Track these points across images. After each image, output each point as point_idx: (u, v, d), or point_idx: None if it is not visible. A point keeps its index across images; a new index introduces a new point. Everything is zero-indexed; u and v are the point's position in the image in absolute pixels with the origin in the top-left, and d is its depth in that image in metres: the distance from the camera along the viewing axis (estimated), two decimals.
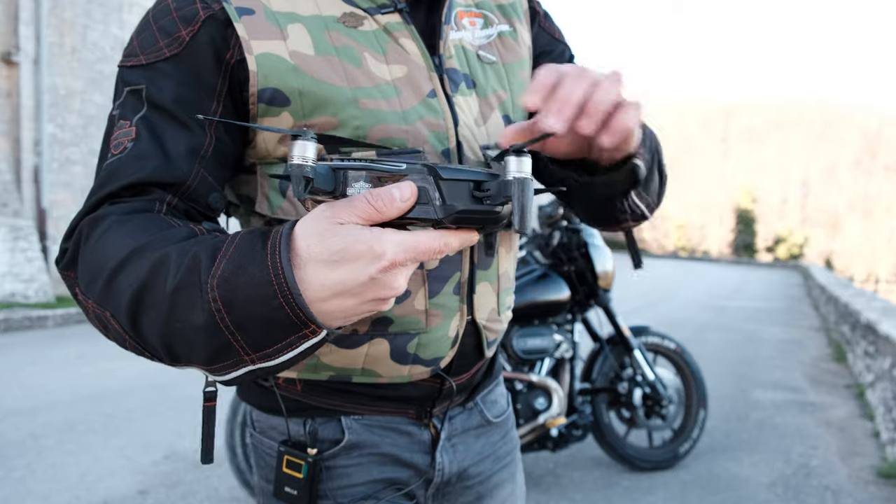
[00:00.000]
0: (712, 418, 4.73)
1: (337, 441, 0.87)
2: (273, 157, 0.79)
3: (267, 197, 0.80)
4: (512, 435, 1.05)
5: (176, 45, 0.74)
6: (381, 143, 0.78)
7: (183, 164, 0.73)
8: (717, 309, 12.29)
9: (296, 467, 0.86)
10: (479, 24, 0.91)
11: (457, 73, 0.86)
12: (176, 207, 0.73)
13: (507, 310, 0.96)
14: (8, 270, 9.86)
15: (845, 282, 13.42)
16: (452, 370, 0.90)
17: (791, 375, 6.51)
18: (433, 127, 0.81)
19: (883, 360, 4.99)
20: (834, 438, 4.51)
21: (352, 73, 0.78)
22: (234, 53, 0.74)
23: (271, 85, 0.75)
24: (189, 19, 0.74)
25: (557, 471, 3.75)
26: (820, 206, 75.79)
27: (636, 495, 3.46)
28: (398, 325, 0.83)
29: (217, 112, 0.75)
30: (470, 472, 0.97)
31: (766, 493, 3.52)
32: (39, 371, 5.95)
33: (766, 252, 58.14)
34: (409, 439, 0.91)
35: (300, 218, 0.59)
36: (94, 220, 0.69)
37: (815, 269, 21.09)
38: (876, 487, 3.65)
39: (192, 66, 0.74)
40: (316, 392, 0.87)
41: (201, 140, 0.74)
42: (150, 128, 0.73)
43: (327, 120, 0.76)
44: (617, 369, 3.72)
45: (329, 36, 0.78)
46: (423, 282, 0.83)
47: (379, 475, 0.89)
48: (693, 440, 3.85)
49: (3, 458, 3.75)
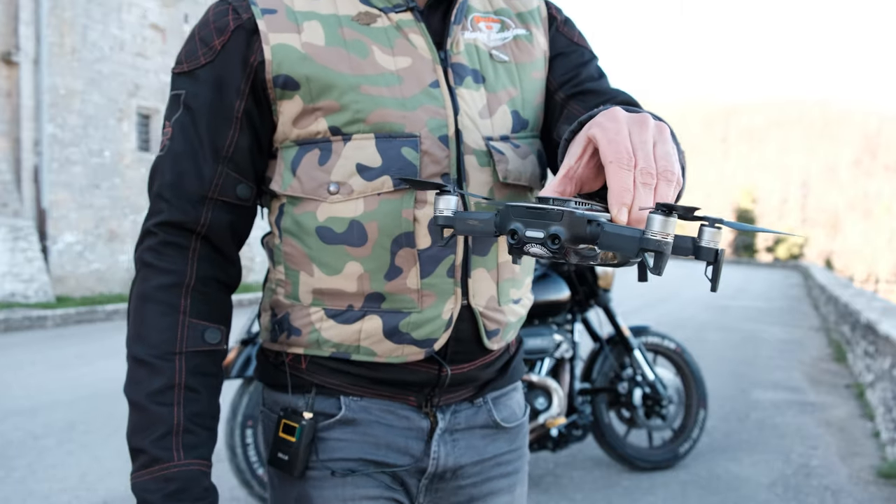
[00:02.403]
0: (712, 418, 4.74)
1: (333, 415, 0.91)
2: (289, 139, 0.87)
3: (281, 176, 0.89)
4: (521, 446, 1.04)
5: (211, 53, 0.85)
6: (380, 126, 0.84)
7: (209, 165, 0.86)
8: (718, 309, 12.29)
9: (290, 430, 0.90)
10: (495, 29, 0.96)
11: (463, 68, 0.91)
12: (206, 237, 0.87)
13: (511, 302, 0.96)
14: (8, 270, 9.87)
15: (845, 282, 13.42)
16: (449, 356, 0.91)
17: (791, 375, 6.51)
18: (433, 114, 0.86)
19: (883, 360, 4.99)
20: (834, 438, 4.51)
21: (357, 62, 0.85)
22: (256, 56, 0.84)
23: (283, 72, 0.84)
24: (222, 30, 0.85)
25: (557, 471, 3.75)
26: (820, 206, 75.79)
27: (636, 495, 3.46)
28: (390, 303, 0.87)
29: (242, 108, 0.86)
30: (466, 471, 0.97)
31: (766, 493, 3.52)
32: (39, 371, 5.95)
33: (766, 252, 58.15)
34: (406, 424, 0.93)
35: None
36: (143, 257, 0.87)
37: (815, 269, 21.10)
38: (876, 487, 3.65)
39: (223, 71, 0.85)
40: (319, 371, 0.92)
41: (225, 139, 0.86)
42: (184, 129, 0.86)
43: (331, 103, 0.84)
44: (617, 369, 3.72)
45: (342, 31, 0.86)
46: (415, 261, 0.86)
47: (370, 455, 0.91)
48: (693, 440, 3.85)
49: (4, 458, 3.75)
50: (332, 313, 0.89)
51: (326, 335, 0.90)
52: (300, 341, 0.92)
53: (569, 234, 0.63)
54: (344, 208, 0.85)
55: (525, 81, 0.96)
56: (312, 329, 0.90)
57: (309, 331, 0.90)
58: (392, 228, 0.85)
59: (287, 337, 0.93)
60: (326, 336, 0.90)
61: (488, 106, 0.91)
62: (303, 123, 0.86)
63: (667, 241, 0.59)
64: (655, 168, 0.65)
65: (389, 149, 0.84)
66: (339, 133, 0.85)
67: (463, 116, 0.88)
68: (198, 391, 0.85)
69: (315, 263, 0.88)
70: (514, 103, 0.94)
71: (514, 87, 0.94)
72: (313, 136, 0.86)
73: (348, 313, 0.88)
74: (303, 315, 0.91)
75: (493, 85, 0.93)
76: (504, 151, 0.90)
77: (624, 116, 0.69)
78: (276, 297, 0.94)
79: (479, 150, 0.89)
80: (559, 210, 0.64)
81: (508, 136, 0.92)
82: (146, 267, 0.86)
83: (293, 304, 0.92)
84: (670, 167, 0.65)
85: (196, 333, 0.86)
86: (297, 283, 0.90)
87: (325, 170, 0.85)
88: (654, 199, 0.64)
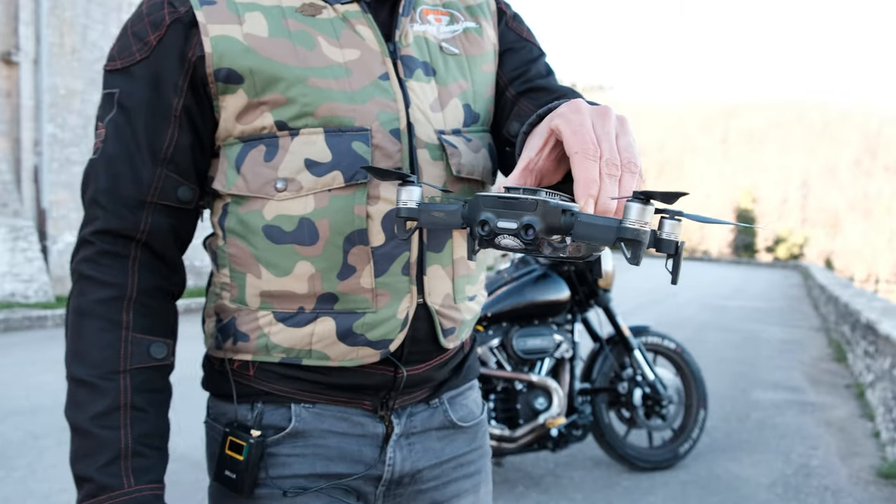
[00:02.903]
0: (712, 418, 4.73)
1: (282, 428, 0.87)
2: (233, 136, 0.84)
3: (225, 175, 0.85)
4: (481, 445, 1.02)
5: (146, 49, 0.81)
6: (329, 119, 0.81)
7: (147, 167, 0.82)
8: (717, 309, 12.29)
9: (237, 448, 0.86)
10: (444, 21, 0.94)
11: (413, 60, 0.88)
12: (146, 244, 0.84)
13: (467, 299, 0.94)
14: (8, 270, 9.87)
15: (845, 282, 13.42)
16: (405, 357, 0.88)
17: (791, 375, 6.51)
18: (383, 107, 0.83)
19: (883, 360, 4.99)
20: (834, 438, 4.51)
21: (303, 54, 0.82)
22: (195, 51, 0.80)
23: (225, 65, 0.80)
24: (157, 24, 0.81)
25: (557, 471, 3.75)
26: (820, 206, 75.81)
27: (636, 495, 3.46)
28: (344, 303, 0.84)
29: (180, 106, 0.82)
30: (424, 475, 0.94)
31: (766, 493, 3.52)
32: (39, 371, 5.95)
33: (766, 252, 58.14)
34: (360, 430, 0.90)
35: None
36: (80, 268, 0.83)
37: (815, 269, 21.10)
38: (876, 487, 3.65)
39: (159, 68, 0.81)
40: (268, 377, 0.88)
41: (163, 139, 0.82)
42: (118, 130, 0.81)
43: (277, 97, 0.81)
44: (617, 369, 3.72)
45: (286, 22, 0.83)
46: (369, 259, 0.83)
47: (322, 469, 0.88)
48: (693, 440, 3.85)
49: (4, 458, 3.75)
50: (281, 316, 0.85)
51: (276, 340, 0.86)
52: (248, 347, 0.87)
53: (543, 224, 0.62)
54: (293, 206, 0.82)
55: (476, 74, 0.94)
56: (261, 334, 0.86)
57: (257, 336, 0.86)
58: (344, 226, 0.82)
59: (233, 343, 0.88)
60: (276, 341, 0.86)
61: (439, 99, 0.89)
62: (247, 119, 0.82)
63: (644, 230, 0.59)
64: (619, 159, 0.64)
65: (339, 143, 0.82)
66: (286, 128, 0.82)
67: (414, 109, 0.86)
68: (145, 410, 0.81)
69: (263, 264, 0.84)
70: (466, 96, 0.92)
71: (466, 79, 0.92)
72: (258, 131, 0.82)
73: (299, 316, 0.85)
74: (250, 319, 0.87)
75: (444, 78, 0.90)
76: (457, 145, 0.88)
77: (587, 108, 0.68)
78: (220, 301, 0.90)
79: (431, 144, 0.86)
80: (533, 200, 0.62)
81: (460, 129, 0.90)
82: (83, 279, 0.81)
83: (239, 308, 0.88)
84: (633, 159, 0.65)
85: (141, 349, 0.82)
86: (243, 285, 0.86)
87: (271, 166, 0.82)
88: (619, 191, 0.63)
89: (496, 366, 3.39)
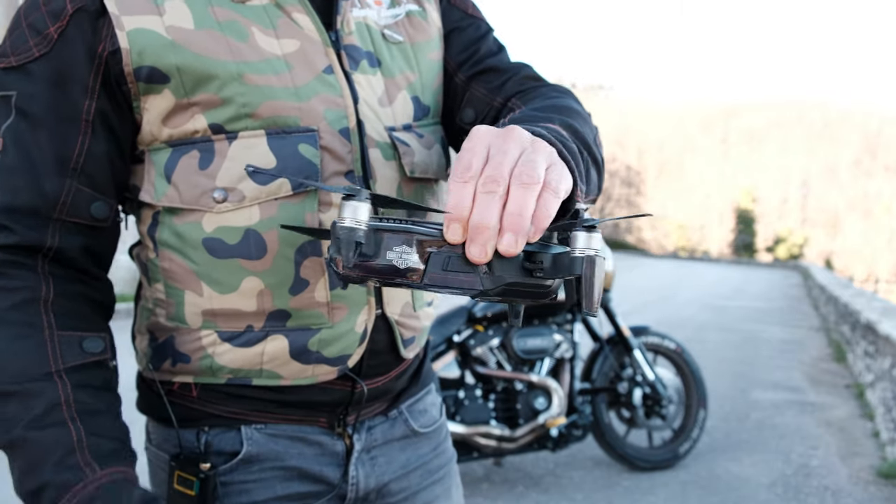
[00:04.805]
0: (712, 418, 4.74)
1: (234, 454, 0.79)
2: (159, 141, 0.75)
3: (153, 184, 0.75)
4: (445, 448, 0.97)
5: (45, 43, 0.70)
6: (271, 120, 0.73)
7: (52, 179, 0.71)
8: (717, 309, 12.29)
9: (187, 484, 0.77)
10: (385, 4, 0.86)
11: (357, 51, 0.80)
12: (55, 261, 0.73)
13: (426, 306, 0.88)
14: None
15: (845, 282, 13.42)
16: (364, 371, 0.82)
17: (791, 375, 6.52)
18: (330, 104, 0.76)
19: (883, 360, 5.00)
20: (834, 438, 4.51)
21: (236, 47, 0.73)
22: (106, 45, 0.70)
23: (146, 63, 0.71)
24: (57, 14, 0.70)
25: (557, 471, 3.75)
26: (820, 206, 75.84)
27: (636, 495, 3.46)
28: (297, 320, 0.77)
29: (92, 109, 0.72)
30: (392, 488, 0.88)
31: (766, 493, 3.52)
32: None
33: (766, 252, 58.18)
34: (319, 450, 0.83)
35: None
36: None
37: (815, 269, 21.09)
38: (876, 487, 3.66)
39: (63, 66, 0.70)
40: (214, 398, 0.80)
41: (73, 148, 0.71)
42: (18, 139, 0.70)
43: (210, 97, 0.72)
44: (617, 369, 3.72)
45: (212, 11, 0.73)
46: (323, 271, 0.76)
47: (283, 491, 0.81)
48: (693, 440, 3.86)
49: (4, 457, 3.75)
50: (227, 336, 0.77)
51: (222, 361, 0.77)
52: (189, 368, 0.79)
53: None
54: (235, 217, 0.73)
55: (423, 63, 0.86)
56: (204, 355, 0.77)
57: (200, 356, 0.78)
58: (295, 236, 0.74)
59: (172, 364, 0.79)
60: (222, 362, 0.77)
61: (387, 93, 0.81)
62: (175, 122, 0.73)
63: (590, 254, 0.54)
64: (508, 174, 0.54)
65: (284, 147, 0.73)
66: (223, 131, 0.73)
67: (363, 105, 0.78)
68: (94, 406, 0.70)
69: (204, 281, 0.75)
70: (414, 88, 0.85)
71: (412, 70, 0.85)
72: (190, 135, 0.73)
73: (247, 335, 0.76)
74: (191, 339, 0.78)
75: (390, 69, 0.83)
76: (409, 143, 0.82)
77: (485, 132, 0.59)
78: (154, 318, 0.80)
79: (382, 143, 0.79)
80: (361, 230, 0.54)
81: (411, 124, 0.83)
82: None
83: (178, 326, 0.78)
84: (529, 171, 0.54)
85: (72, 346, 0.71)
86: (181, 303, 0.77)
87: (208, 174, 0.73)
88: (506, 206, 0.54)
89: (496, 366, 3.39)
